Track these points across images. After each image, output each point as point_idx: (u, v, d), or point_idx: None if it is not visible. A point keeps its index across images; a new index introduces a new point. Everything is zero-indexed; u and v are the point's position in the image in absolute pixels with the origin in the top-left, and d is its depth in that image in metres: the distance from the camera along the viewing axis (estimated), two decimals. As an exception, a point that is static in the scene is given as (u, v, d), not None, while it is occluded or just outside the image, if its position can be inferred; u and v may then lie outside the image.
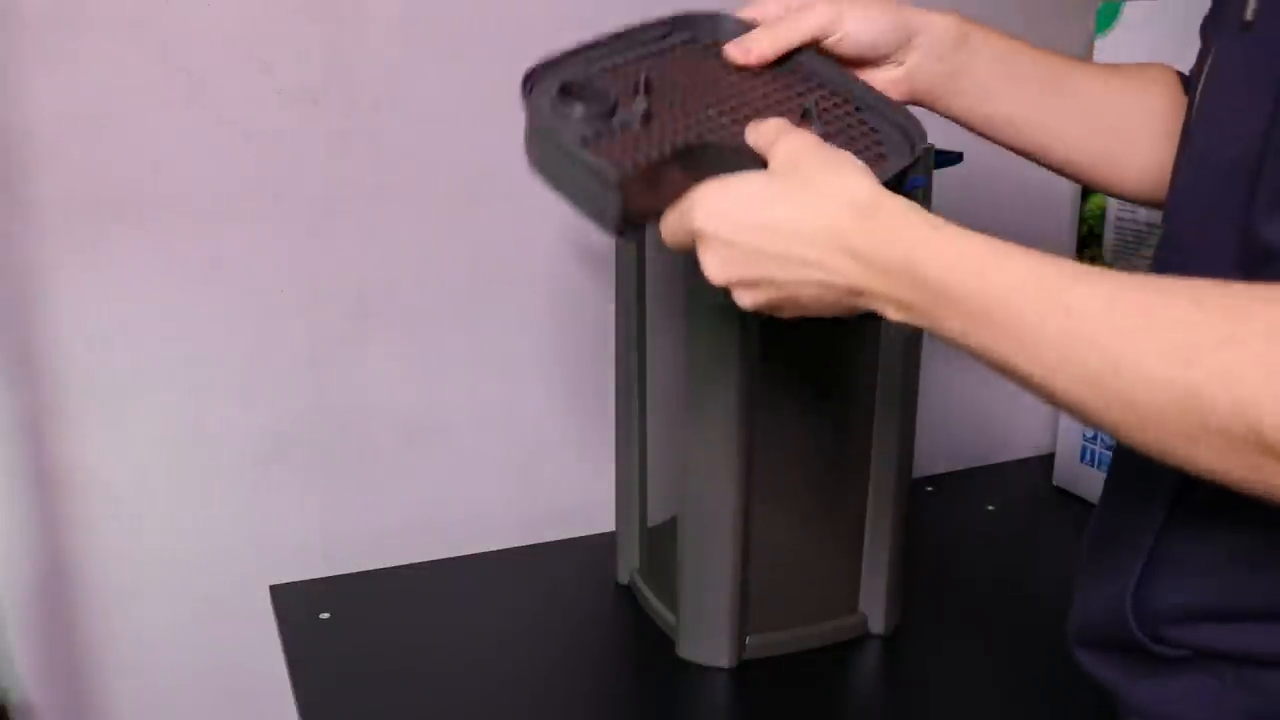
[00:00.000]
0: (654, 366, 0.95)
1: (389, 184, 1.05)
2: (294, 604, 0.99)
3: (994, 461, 1.37)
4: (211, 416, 1.04)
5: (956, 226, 0.49)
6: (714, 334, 0.82)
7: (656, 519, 0.99)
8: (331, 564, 1.06)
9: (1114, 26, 1.15)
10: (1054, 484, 1.28)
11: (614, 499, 1.03)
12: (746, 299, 0.55)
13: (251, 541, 1.08)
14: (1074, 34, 1.28)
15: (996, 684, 0.89)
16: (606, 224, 0.56)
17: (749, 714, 0.84)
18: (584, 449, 1.18)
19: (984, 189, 1.29)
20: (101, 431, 1.01)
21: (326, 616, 0.97)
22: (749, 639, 0.90)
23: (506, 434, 1.16)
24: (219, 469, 1.06)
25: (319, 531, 1.10)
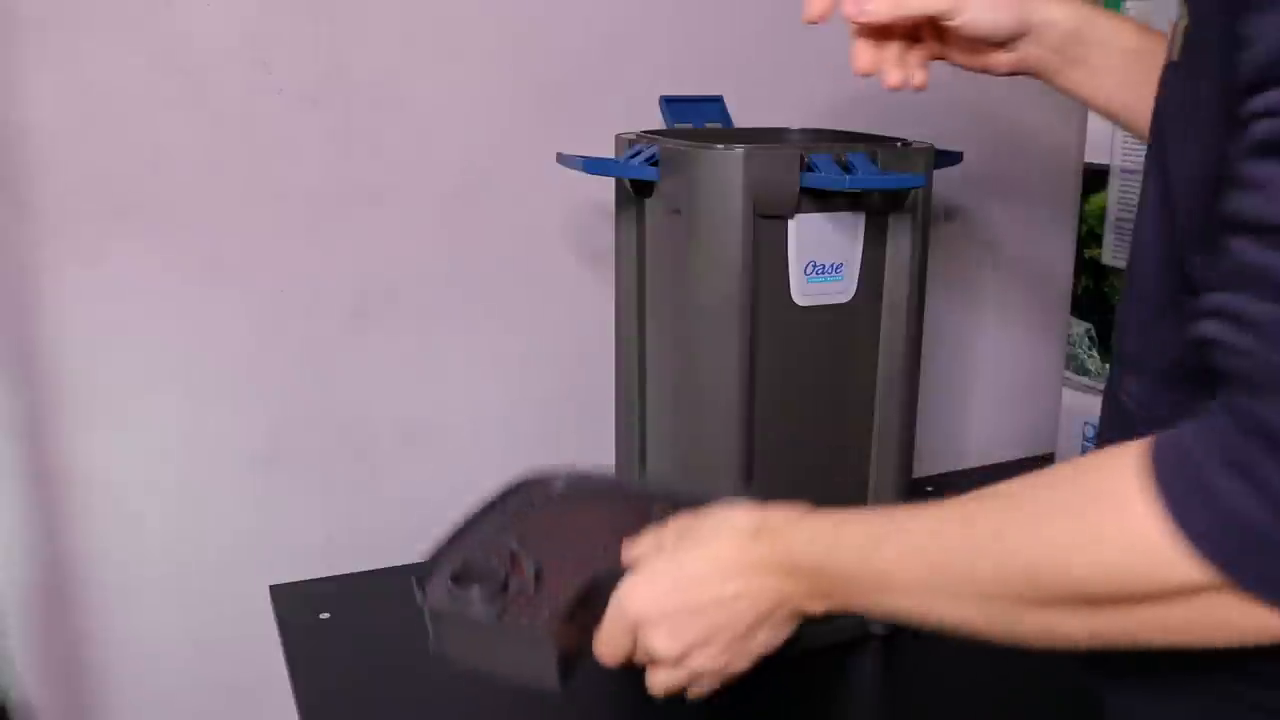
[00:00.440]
0: (654, 366, 0.95)
1: (389, 184, 1.05)
2: (294, 604, 0.99)
3: (994, 462, 1.37)
4: (211, 416, 1.04)
5: (832, 515, 0.56)
6: (714, 334, 0.82)
7: (656, 519, 0.99)
8: (331, 564, 1.06)
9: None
10: (1054, 484, 1.28)
11: (614, 499, 1.03)
12: (703, 660, 0.59)
13: (251, 542, 1.08)
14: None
15: (996, 684, 0.89)
16: (546, 680, 0.61)
17: (749, 714, 0.84)
18: (584, 449, 1.18)
19: (984, 189, 1.29)
20: (101, 431, 1.01)
21: (326, 616, 0.97)
22: (749, 639, 0.90)
23: (506, 434, 1.16)
24: (219, 469, 1.06)
25: (319, 531, 1.10)
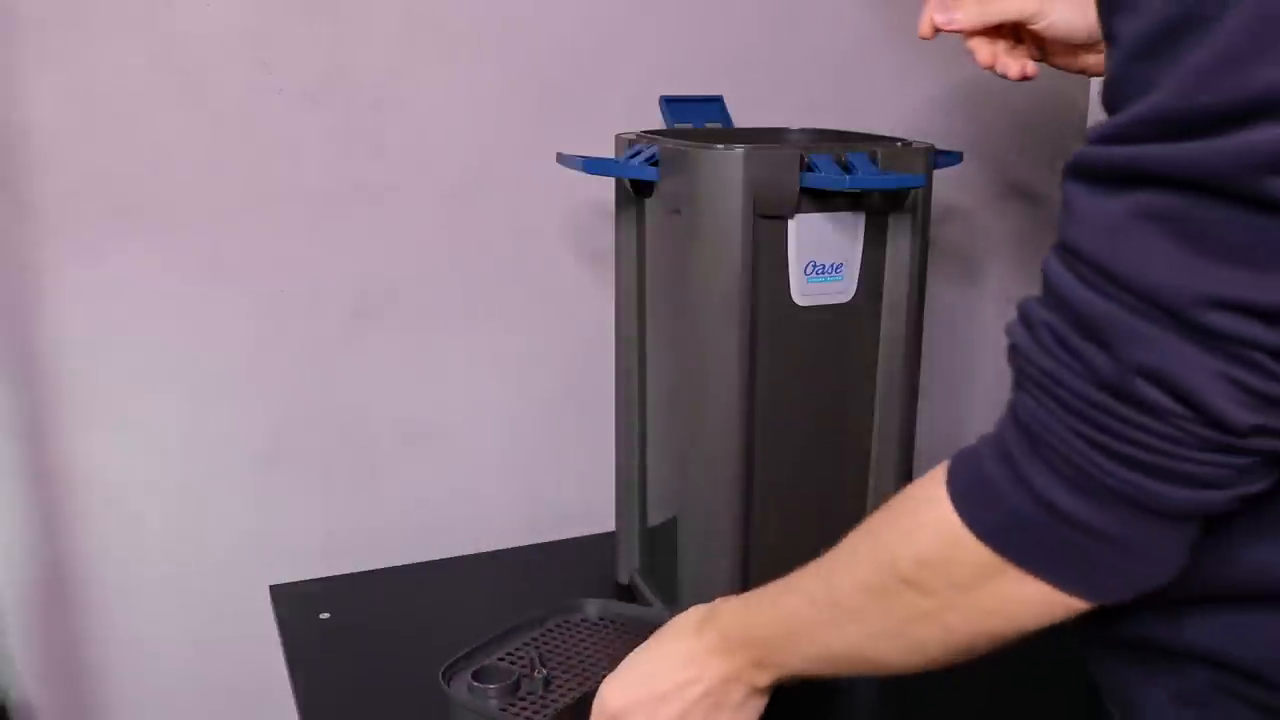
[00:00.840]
0: (654, 366, 0.95)
1: (389, 184, 1.05)
2: (294, 604, 0.99)
3: (994, 461, 1.37)
4: (211, 416, 1.04)
5: (762, 593, 0.64)
6: (714, 334, 0.82)
7: (656, 519, 0.99)
8: (331, 564, 1.06)
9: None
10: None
11: (614, 499, 1.03)
12: None
13: (251, 541, 1.08)
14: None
15: (996, 683, 0.89)
16: None
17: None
18: (584, 449, 1.18)
19: (984, 189, 1.29)
20: (101, 431, 1.01)
21: (326, 616, 0.97)
22: (749, 639, 0.90)
23: (506, 434, 1.16)
24: (219, 469, 1.06)
25: (319, 531, 1.10)
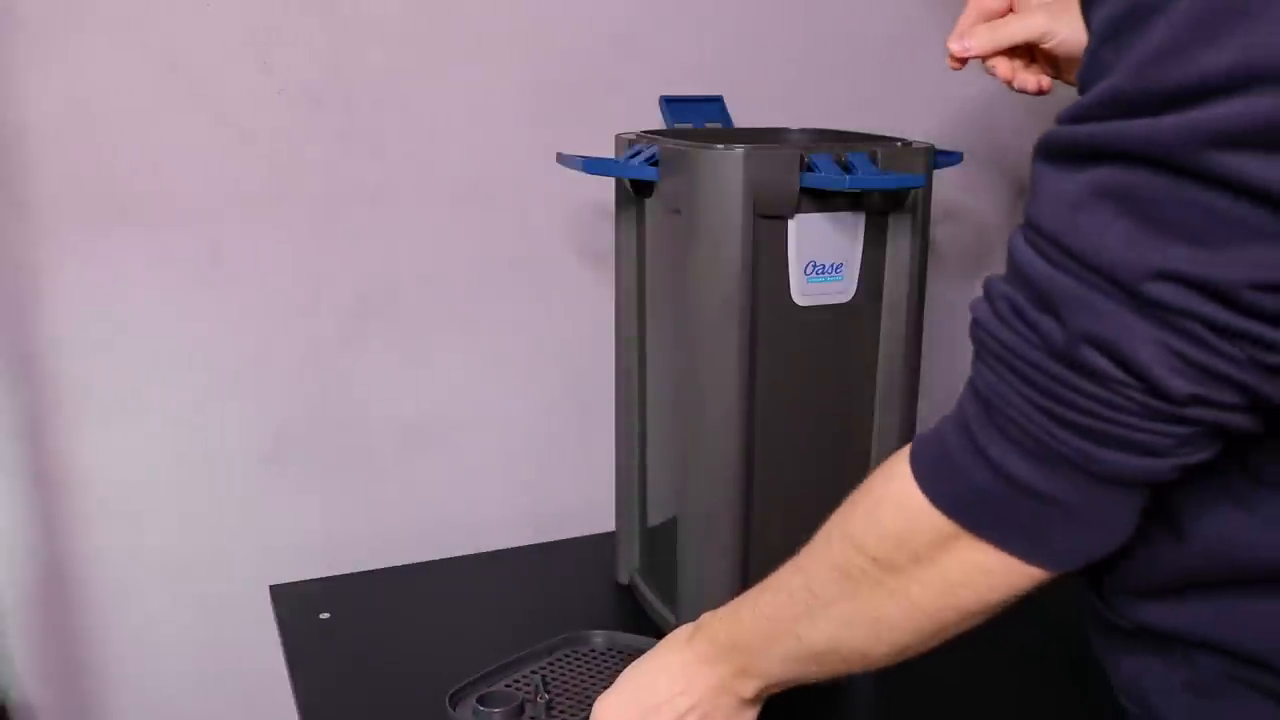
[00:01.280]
0: (654, 366, 0.95)
1: (389, 184, 1.05)
2: (294, 604, 0.99)
3: (994, 461, 1.37)
4: (211, 416, 1.04)
5: (747, 596, 0.67)
6: (714, 334, 0.82)
7: (656, 519, 0.99)
8: (331, 564, 1.06)
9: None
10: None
11: (614, 499, 1.03)
12: None
13: (251, 541, 1.08)
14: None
15: (997, 682, 0.89)
16: None
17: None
18: (584, 449, 1.18)
19: (984, 189, 1.29)
20: (101, 431, 1.01)
21: (326, 616, 0.97)
22: (749, 639, 0.90)
23: (507, 434, 1.16)
24: (219, 469, 1.06)
25: (319, 531, 1.10)
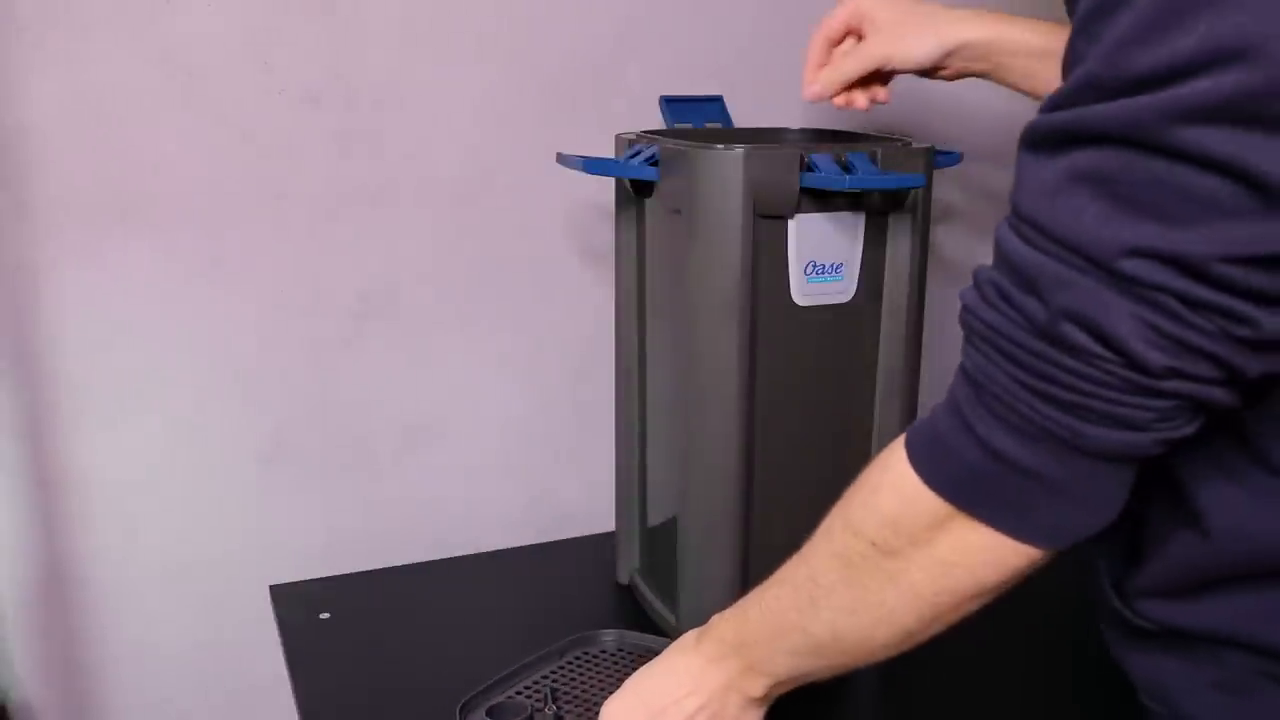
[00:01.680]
0: (654, 366, 0.95)
1: (389, 184, 1.05)
2: (294, 604, 0.99)
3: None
4: (211, 417, 1.04)
5: (753, 593, 0.67)
6: (714, 334, 0.82)
7: (656, 519, 0.99)
8: (331, 564, 1.06)
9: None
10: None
11: (614, 499, 1.03)
12: None
13: (251, 541, 1.08)
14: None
15: (998, 681, 0.89)
16: None
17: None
18: (584, 449, 1.18)
19: (983, 189, 1.29)
20: (101, 431, 1.01)
21: (326, 616, 0.97)
22: (749, 639, 0.90)
23: (506, 434, 1.16)
24: (219, 469, 1.06)
25: (319, 531, 1.10)
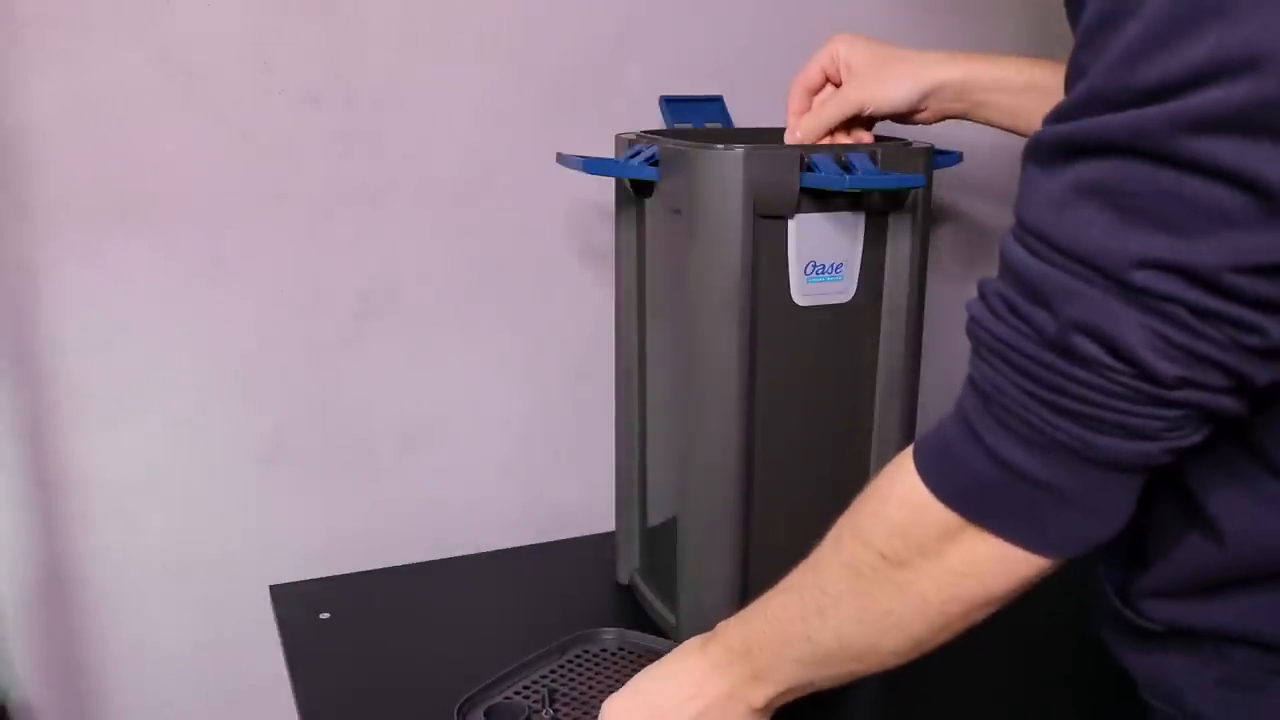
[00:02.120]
0: (654, 366, 0.95)
1: (389, 184, 1.05)
2: (294, 604, 0.99)
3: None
4: (211, 416, 1.04)
5: (760, 600, 0.66)
6: (714, 334, 0.82)
7: (656, 519, 0.99)
8: (331, 564, 1.06)
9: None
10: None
11: (614, 499, 1.03)
12: None
13: (251, 541, 1.08)
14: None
15: (998, 681, 0.89)
16: None
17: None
18: (584, 449, 1.18)
19: (983, 189, 1.29)
20: (101, 431, 1.01)
21: (326, 616, 0.97)
22: (749, 639, 0.90)
23: (507, 434, 1.16)
24: (219, 469, 1.06)
25: (319, 531, 1.10)
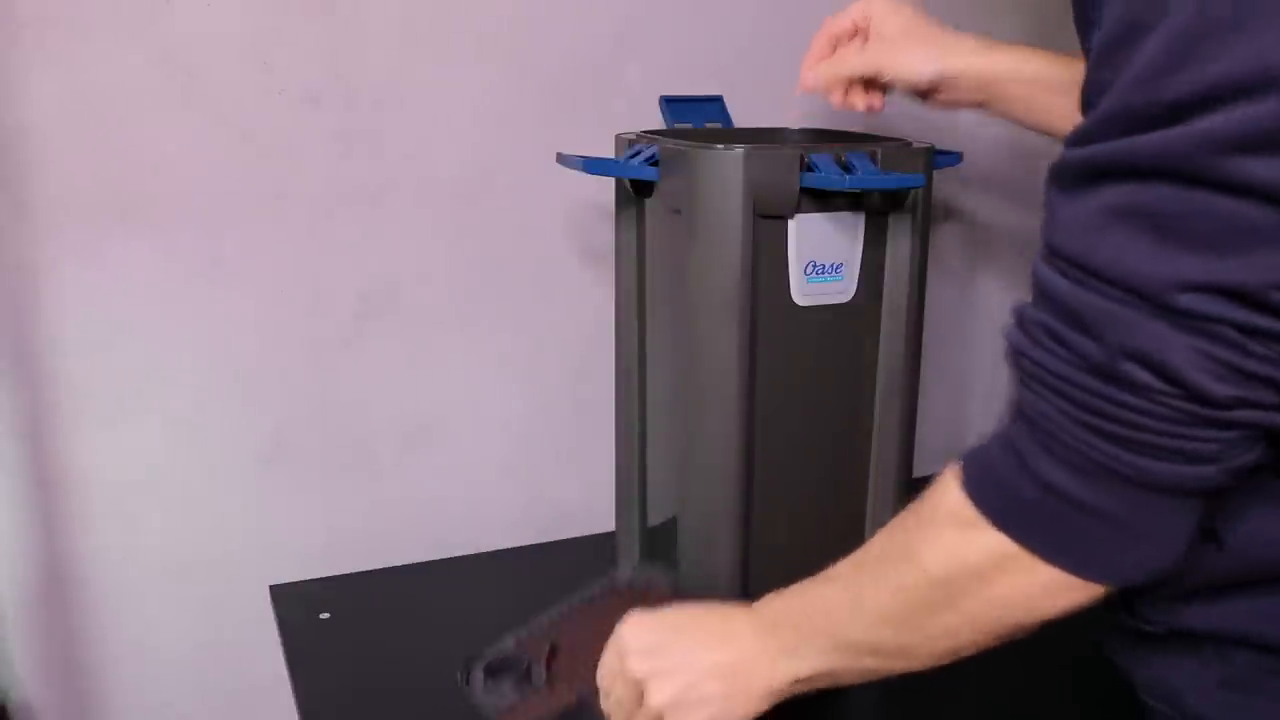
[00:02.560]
0: (654, 366, 0.95)
1: (389, 184, 1.05)
2: (294, 604, 0.99)
3: (994, 461, 1.37)
4: (211, 416, 1.04)
5: (802, 584, 0.67)
6: (714, 334, 0.82)
7: (656, 519, 0.99)
8: (331, 564, 1.06)
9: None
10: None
11: (614, 499, 1.03)
12: (663, 695, 0.66)
13: (251, 541, 1.08)
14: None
15: (998, 681, 0.89)
16: None
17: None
18: (584, 449, 1.18)
19: (983, 189, 1.29)
20: (101, 431, 1.01)
21: (326, 616, 0.97)
22: (749, 639, 0.89)
23: (507, 434, 1.16)
24: (219, 469, 1.06)
25: (319, 531, 1.10)
